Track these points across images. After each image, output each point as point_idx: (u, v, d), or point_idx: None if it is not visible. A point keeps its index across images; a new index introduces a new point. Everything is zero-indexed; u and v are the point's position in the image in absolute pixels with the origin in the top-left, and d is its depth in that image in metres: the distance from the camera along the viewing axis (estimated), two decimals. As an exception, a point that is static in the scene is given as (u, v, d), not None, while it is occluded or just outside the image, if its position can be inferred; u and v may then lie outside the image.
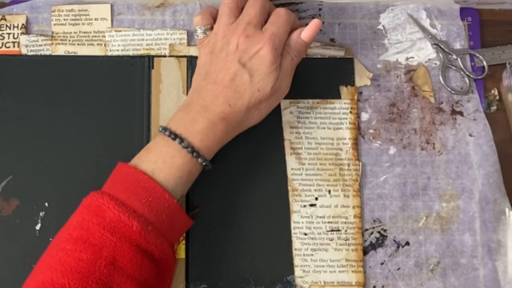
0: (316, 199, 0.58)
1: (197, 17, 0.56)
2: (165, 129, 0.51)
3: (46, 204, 0.57)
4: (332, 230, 0.57)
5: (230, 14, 0.54)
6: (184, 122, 0.51)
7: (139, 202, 0.48)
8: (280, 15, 0.53)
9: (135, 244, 0.47)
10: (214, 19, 0.56)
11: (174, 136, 0.50)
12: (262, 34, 0.52)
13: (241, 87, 0.51)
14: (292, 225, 0.58)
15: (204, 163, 0.51)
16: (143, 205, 0.48)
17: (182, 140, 0.50)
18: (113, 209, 0.47)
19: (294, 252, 0.57)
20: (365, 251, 0.58)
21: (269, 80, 0.52)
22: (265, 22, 0.54)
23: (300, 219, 0.58)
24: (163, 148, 0.50)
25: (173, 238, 0.51)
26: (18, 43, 0.61)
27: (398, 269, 0.58)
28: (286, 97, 0.59)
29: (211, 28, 0.56)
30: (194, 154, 0.50)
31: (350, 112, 0.60)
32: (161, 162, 0.50)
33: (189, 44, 0.61)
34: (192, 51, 0.60)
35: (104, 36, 0.61)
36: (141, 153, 0.51)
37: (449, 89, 0.61)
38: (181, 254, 0.56)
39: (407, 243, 0.58)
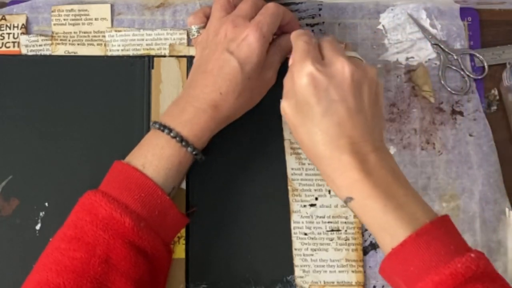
0: (316, 199, 0.58)
1: (190, 17, 0.57)
2: (155, 122, 0.51)
3: (46, 204, 0.57)
4: (332, 230, 0.58)
5: (221, 10, 0.55)
6: (174, 114, 0.52)
7: (132, 198, 0.48)
8: (267, 7, 0.54)
9: (128, 241, 0.47)
10: (208, 18, 0.57)
11: (163, 127, 0.50)
12: (249, 23, 0.53)
13: (231, 74, 0.51)
14: (292, 225, 0.58)
15: (194, 152, 0.51)
16: (136, 201, 0.48)
17: (170, 130, 0.50)
18: (105, 206, 0.47)
19: (294, 252, 0.57)
20: (365, 251, 0.58)
21: (258, 67, 0.52)
22: None
23: (300, 219, 0.58)
24: (152, 141, 0.51)
25: (166, 235, 0.50)
26: (18, 43, 0.61)
27: (398, 269, 0.58)
28: (286, 97, 0.59)
29: (205, 27, 0.56)
30: (183, 144, 0.50)
31: (350, 112, 0.60)
32: (151, 155, 0.50)
33: (189, 44, 0.61)
34: (192, 51, 0.60)
35: (104, 36, 0.61)
36: (134, 150, 0.52)
37: (449, 89, 0.61)
38: (181, 254, 0.56)
39: (407, 243, 0.58)
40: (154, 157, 0.50)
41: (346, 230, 0.58)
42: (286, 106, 0.50)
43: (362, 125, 0.48)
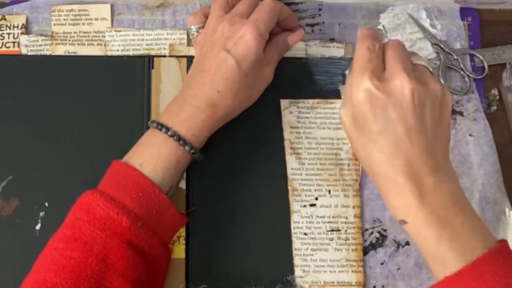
0: (316, 199, 0.58)
1: (190, 17, 0.58)
2: (153, 121, 0.52)
3: (46, 204, 0.57)
4: (332, 230, 0.57)
5: (219, 9, 0.55)
6: (172, 112, 0.52)
7: (129, 197, 0.48)
8: (264, 4, 0.54)
9: (126, 240, 0.47)
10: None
11: (160, 126, 0.51)
12: (246, 20, 0.53)
13: (228, 73, 0.51)
14: (292, 225, 0.58)
15: (192, 151, 0.51)
16: (133, 201, 0.47)
17: (168, 129, 0.50)
18: (103, 205, 0.47)
19: (294, 252, 0.57)
20: (365, 251, 0.58)
21: (255, 65, 0.52)
22: None
23: (300, 219, 0.58)
24: (150, 140, 0.51)
25: (164, 234, 0.50)
26: (18, 43, 0.61)
27: (398, 269, 0.58)
28: (286, 97, 0.59)
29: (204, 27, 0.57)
30: (181, 142, 0.50)
31: (350, 112, 0.60)
32: (149, 154, 0.50)
33: (189, 44, 0.61)
34: (192, 51, 0.60)
35: (104, 36, 0.61)
36: (132, 149, 0.52)
37: (449, 89, 0.61)
38: (181, 254, 0.56)
39: (407, 243, 0.58)
40: (152, 156, 0.50)
41: (346, 230, 0.58)
42: (344, 115, 0.49)
43: (421, 145, 0.46)
